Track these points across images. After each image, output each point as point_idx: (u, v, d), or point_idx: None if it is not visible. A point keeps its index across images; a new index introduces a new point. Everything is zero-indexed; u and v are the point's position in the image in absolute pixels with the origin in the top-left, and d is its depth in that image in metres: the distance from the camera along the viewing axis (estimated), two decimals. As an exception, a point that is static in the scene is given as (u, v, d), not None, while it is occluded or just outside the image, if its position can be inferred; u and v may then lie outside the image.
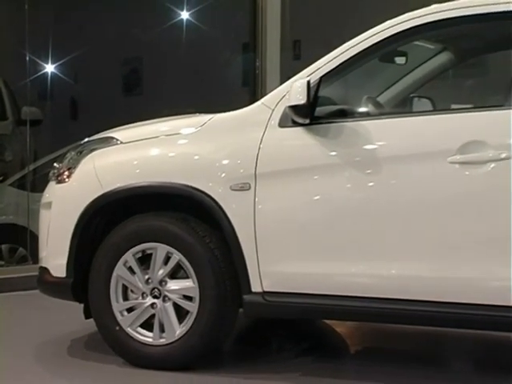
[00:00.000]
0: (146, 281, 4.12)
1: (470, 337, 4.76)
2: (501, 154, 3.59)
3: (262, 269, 3.93)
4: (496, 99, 3.89)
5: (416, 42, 4.39)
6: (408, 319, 3.92)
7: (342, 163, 3.87)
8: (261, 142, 3.97)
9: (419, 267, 3.74)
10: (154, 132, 4.32)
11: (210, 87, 7.73)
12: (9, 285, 6.16)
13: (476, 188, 3.65)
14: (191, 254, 4.02)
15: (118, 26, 7.27)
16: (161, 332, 4.09)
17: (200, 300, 4.01)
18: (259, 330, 5.09)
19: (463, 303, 3.67)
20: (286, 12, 7.63)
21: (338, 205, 3.87)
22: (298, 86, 3.78)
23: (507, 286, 3.57)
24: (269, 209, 3.92)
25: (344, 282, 3.86)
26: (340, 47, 3.98)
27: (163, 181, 4.11)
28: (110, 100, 7.54)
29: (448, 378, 4.19)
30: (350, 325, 5.04)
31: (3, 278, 6.27)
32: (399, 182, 3.79)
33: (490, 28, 4.26)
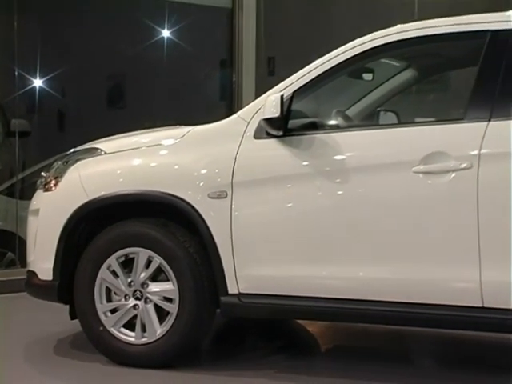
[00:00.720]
0: (129, 283, 4.11)
1: (437, 335, 4.78)
2: (461, 164, 3.62)
3: (238, 272, 3.93)
4: (456, 113, 3.91)
5: (382, 59, 4.42)
6: (375, 319, 3.93)
7: (313, 173, 3.88)
8: (237, 152, 3.97)
9: (386, 270, 3.76)
10: (136, 143, 4.31)
11: (190, 101, 7.71)
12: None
13: (438, 196, 3.67)
14: (171, 258, 4.02)
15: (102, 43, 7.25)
16: (142, 332, 4.08)
17: (180, 301, 4.01)
18: (236, 330, 5.08)
19: (430, 304, 3.69)
20: (261, 30, 7.64)
21: (309, 212, 3.88)
22: (272, 100, 3.80)
23: (473, 288, 3.60)
24: (244, 215, 3.93)
25: (315, 284, 3.87)
26: (311, 64, 4.00)
27: (145, 189, 4.09)
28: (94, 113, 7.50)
29: (413, 373, 4.21)
30: (322, 324, 5.04)
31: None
32: (366, 190, 3.80)
33: (449, 47, 4.29)
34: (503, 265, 3.57)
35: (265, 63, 7.80)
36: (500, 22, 3.77)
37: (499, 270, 3.58)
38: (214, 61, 7.78)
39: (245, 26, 7.44)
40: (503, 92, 3.66)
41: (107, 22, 7.22)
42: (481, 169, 3.58)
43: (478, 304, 3.61)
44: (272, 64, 7.85)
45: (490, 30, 3.76)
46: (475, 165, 3.59)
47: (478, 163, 3.59)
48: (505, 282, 3.57)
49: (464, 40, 3.99)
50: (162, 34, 7.50)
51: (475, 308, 3.62)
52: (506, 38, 3.72)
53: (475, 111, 3.69)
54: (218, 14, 7.55)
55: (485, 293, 3.59)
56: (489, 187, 3.58)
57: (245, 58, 7.46)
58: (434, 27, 3.90)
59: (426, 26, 3.91)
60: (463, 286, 3.66)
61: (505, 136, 3.62)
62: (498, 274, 3.58)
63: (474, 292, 3.61)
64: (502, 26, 3.75)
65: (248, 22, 7.47)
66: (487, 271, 3.58)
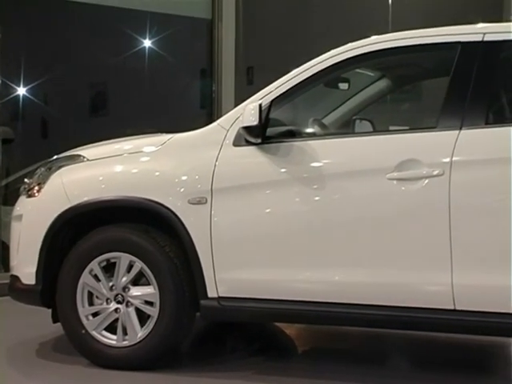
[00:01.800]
0: (110, 287, 4.10)
1: (411, 337, 4.80)
2: (434, 171, 3.64)
3: (218, 276, 3.94)
4: (429, 121, 3.95)
5: (357, 69, 4.45)
6: (352, 321, 3.95)
7: (291, 179, 3.89)
8: (216, 159, 3.97)
9: (361, 274, 3.77)
10: (118, 150, 4.31)
11: (171, 109, 7.71)
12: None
13: (412, 202, 3.70)
14: (152, 262, 4.01)
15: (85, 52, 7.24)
16: (124, 335, 4.07)
17: (160, 305, 4.00)
18: (215, 332, 5.07)
19: (404, 307, 3.70)
20: (240, 41, 7.66)
21: (287, 217, 3.89)
22: (251, 109, 3.80)
23: (445, 291, 3.63)
24: (224, 221, 3.93)
25: (292, 288, 3.88)
26: (289, 74, 4.02)
27: (127, 195, 4.09)
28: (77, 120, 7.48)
29: (388, 375, 4.22)
30: (299, 327, 5.05)
31: (-24, 286, 6.15)
32: (343, 196, 3.82)
33: (422, 57, 4.33)
34: (474, 268, 3.60)
35: (244, 73, 7.82)
36: (470, 34, 3.81)
37: (470, 273, 3.61)
38: (195, 70, 7.79)
39: (224, 36, 7.46)
40: (473, 101, 3.70)
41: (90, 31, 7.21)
42: (452, 176, 3.61)
43: (450, 307, 3.64)
44: (251, 73, 7.86)
45: (460, 42, 3.80)
46: (447, 172, 3.62)
47: (449, 170, 3.62)
48: (476, 285, 3.60)
49: (436, 51, 4.03)
50: (144, 44, 7.50)
51: (447, 310, 3.65)
52: (475, 50, 3.76)
53: (447, 120, 3.72)
54: (198, 24, 7.56)
55: (456, 296, 3.61)
56: (460, 193, 3.61)
57: (224, 68, 7.48)
58: (407, 38, 3.93)
59: (399, 38, 3.94)
60: (436, 289, 3.68)
61: (475, 144, 3.66)
62: (469, 277, 3.61)
63: (446, 295, 3.63)
64: (472, 38, 3.79)
65: (227, 32, 7.49)
66: (459, 275, 3.60)
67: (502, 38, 3.78)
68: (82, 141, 4.66)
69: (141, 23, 7.41)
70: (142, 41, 7.48)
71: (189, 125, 4.35)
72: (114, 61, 7.35)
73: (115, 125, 7.28)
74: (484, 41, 3.77)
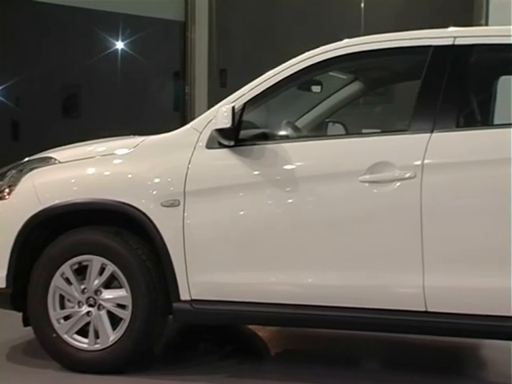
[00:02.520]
0: (82, 290, 4.07)
1: (383, 339, 4.82)
2: (405, 173, 3.66)
3: (190, 278, 3.93)
4: (401, 124, 3.97)
5: (330, 72, 4.46)
6: (325, 323, 3.97)
7: (264, 182, 3.89)
8: (189, 162, 3.96)
9: (334, 276, 3.78)
10: (91, 152, 4.28)
11: (144, 111, 7.69)
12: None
13: (383, 204, 3.71)
14: (124, 265, 3.99)
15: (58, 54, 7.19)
16: (95, 338, 4.05)
17: (132, 308, 3.98)
18: (188, 335, 5.05)
19: (376, 309, 3.72)
20: (213, 43, 7.66)
21: (260, 220, 3.88)
22: (224, 111, 3.80)
23: (417, 293, 3.64)
24: (196, 223, 3.92)
25: (265, 291, 3.88)
26: (262, 76, 4.02)
27: (99, 197, 4.06)
28: (49, 122, 7.42)
29: (360, 376, 4.24)
30: (272, 329, 5.05)
31: None
32: (315, 198, 3.83)
33: (394, 61, 4.36)
34: (445, 270, 3.63)
35: (217, 75, 7.82)
36: (441, 38, 3.84)
37: (441, 275, 3.63)
38: (168, 72, 7.77)
39: (197, 38, 7.46)
40: (445, 105, 3.72)
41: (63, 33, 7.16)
42: (424, 178, 3.64)
43: (422, 308, 3.66)
44: (224, 76, 7.86)
45: (432, 46, 3.83)
46: (418, 174, 3.64)
47: (421, 173, 3.64)
48: (447, 286, 3.63)
49: (408, 54, 4.05)
50: (117, 46, 7.46)
51: (419, 312, 3.67)
52: (446, 53, 3.79)
53: (418, 123, 3.74)
54: (170, 26, 7.55)
55: (428, 298, 3.64)
56: (431, 196, 3.63)
57: (197, 70, 7.48)
58: (379, 42, 3.95)
59: (372, 41, 3.96)
60: (407, 291, 3.70)
61: (446, 147, 3.68)
62: (441, 279, 3.63)
63: (417, 297, 3.65)
64: (443, 42, 3.82)
65: (200, 34, 7.50)
66: (430, 277, 3.62)
67: (473, 41, 3.82)
68: (53, 143, 4.62)
69: (114, 25, 7.38)
70: (114, 43, 7.45)
71: (162, 127, 4.33)
72: (86, 63, 7.30)
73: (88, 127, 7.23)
74: (455, 44, 3.80)
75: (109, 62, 7.38)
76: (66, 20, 7.14)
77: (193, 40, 7.43)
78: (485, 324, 3.61)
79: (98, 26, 7.26)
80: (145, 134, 4.28)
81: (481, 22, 8.62)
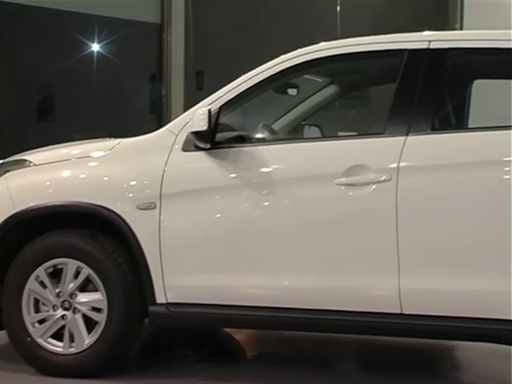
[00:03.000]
0: (57, 294, 4.04)
1: (359, 341, 4.84)
2: (381, 176, 3.68)
3: (167, 282, 3.91)
4: (376, 127, 3.98)
5: (306, 75, 4.47)
6: (302, 326, 3.97)
7: (241, 184, 3.89)
8: (165, 164, 3.95)
9: (310, 279, 3.78)
10: (66, 155, 4.26)
11: (120, 113, 7.65)
12: None
13: (359, 207, 3.72)
14: (100, 268, 3.97)
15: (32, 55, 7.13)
16: (71, 342, 4.02)
17: (108, 311, 3.96)
18: (164, 338, 5.04)
19: (352, 311, 3.73)
20: (190, 45, 7.65)
21: (237, 222, 3.88)
22: (200, 114, 3.79)
23: (392, 295, 3.66)
24: (173, 226, 3.91)
25: (242, 293, 3.87)
26: (239, 79, 4.02)
27: (74, 200, 4.04)
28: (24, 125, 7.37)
29: (336, 379, 4.25)
30: (248, 332, 5.04)
31: None
32: (292, 201, 3.83)
33: (370, 64, 4.37)
34: (420, 273, 3.65)
35: (193, 77, 7.81)
36: (416, 42, 3.86)
37: (417, 278, 3.65)
38: (144, 74, 7.75)
39: (173, 40, 7.44)
40: (420, 108, 3.74)
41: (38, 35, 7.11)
42: (399, 181, 3.65)
43: (397, 311, 3.67)
44: (200, 78, 7.85)
45: (407, 49, 3.85)
46: (394, 177, 3.66)
47: (396, 176, 3.66)
48: (422, 289, 3.64)
49: (384, 58, 4.07)
50: (92, 48, 7.43)
51: (394, 314, 3.68)
52: (422, 57, 3.81)
53: (394, 126, 3.76)
54: (147, 28, 7.52)
55: (403, 300, 3.65)
56: (407, 198, 3.65)
57: (174, 72, 7.46)
58: (355, 45, 3.96)
59: (347, 44, 3.97)
60: (383, 293, 3.71)
61: (421, 150, 3.70)
62: (416, 281, 3.65)
63: (393, 299, 3.67)
64: (418, 46, 3.84)
65: (177, 36, 7.48)
66: (405, 279, 3.64)
67: (448, 45, 3.84)
68: (29, 145, 4.59)
69: (89, 27, 7.34)
70: (90, 45, 7.41)
71: (138, 129, 4.32)
72: (62, 65, 7.26)
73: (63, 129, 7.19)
74: (430, 48, 3.82)
75: (85, 64, 7.34)
76: (41, 22, 7.09)
77: (169, 42, 7.41)
78: (460, 326, 3.63)
79: (73, 28, 7.22)
80: (121, 136, 4.26)
81: (455, 26, 8.70)
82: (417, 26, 4.31)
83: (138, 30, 7.50)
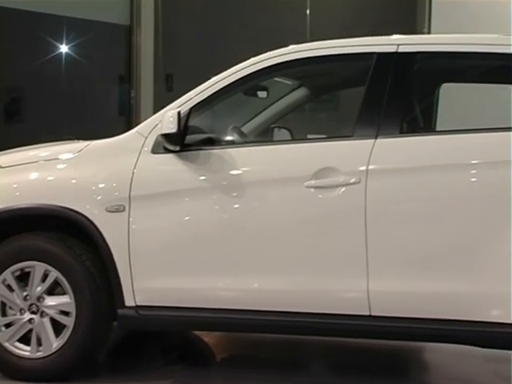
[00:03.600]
0: (24, 297, 4.00)
1: (329, 343, 4.85)
2: (350, 179, 3.69)
3: (136, 284, 3.89)
4: (346, 130, 3.99)
5: (276, 78, 4.47)
6: (271, 328, 3.96)
7: (210, 187, 3.88)
8: (135, 167, 3.93)
9: (279, 281, 3.78)
10: (34, 157, 4.22)
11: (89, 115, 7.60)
12: None
13: (329, 210, 3.73)
14: (68, 271, 3.94)
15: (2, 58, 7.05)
16: (38, 346, 3.98)
17: (76, 315, 3.93)
18: (133, 341, 5.00)
19: (321, 313, 3.73)
20: (159, 47, 7.62)
21: (206, 225, 3.87)
22: (170, 116, 3.78)
23: (361, 297, 3.67)
24: (142, 229, 3.89)
25: (210, 296, 3.87)
26: (208, 81, 4.01)
27: (42, 203, 4.00)
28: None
29: (304, 381, 4.26)
30: (217, 335, 5.03)
31: None
32: (261, 204, 3.83)
33: (339, 67, 4.38)
34: (389, 275, 3.66)
35: (163, 79, 7.78)
36: (385, 45, 3.89)
37: (386, 280, 3.66)
38: (113, 76, 7.70)
39: (143, 42, 7.41)
40: (388, 111, 3.76)
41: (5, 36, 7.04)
42: (368, 184, 3.67)
43: (366, 313, 3.69)
44: (170, 80, 7.83)
45: (376, 52, 3.87)
46: (363, 180, 3.67)
47: (365, 178, 3.67)
48: (391, 291, 3.66)
49: (353, 61, 4.08)
50: (61, 50, 7.37)
51: (363, 316, 3.70)
52: (390, 60, 3.83)
53: (363, 129, 3.77)
54: (116, 30, 7.48)
55: (372, 302, 3.67)
56: (376, 201, 3.66)
57: (143, 74, 7.43)
58: (324, 48, 3.97)
59: (317, 47, 3.98)
60: (352, 295, 3.73)
61: (390, 152, 3.72)
62: (385, 284, 3.66)
63: (361, 301, 3.68)
64: (387, 49, 3.86)
65: (146, 39, 7.45)
66: (374, 281, 3.66)
67: (416, 49, 3.87)
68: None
69: (58, 28, 7.28)
70: (59, 46, 7.35)
71: (107, 132, 4.29)
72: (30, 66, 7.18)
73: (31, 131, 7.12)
74: (398, 52, 3.84)
75: (53, 65, 7.28)
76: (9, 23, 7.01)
77: (138, 44, 7.37)
78: (428, 327, 3.65)
79: (41, 29, 7.15)
80: (90, 138, 4.23)
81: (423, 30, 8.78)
82: (385, 29, 4.33)
83: (108, 31, 7.45)
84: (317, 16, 8.72)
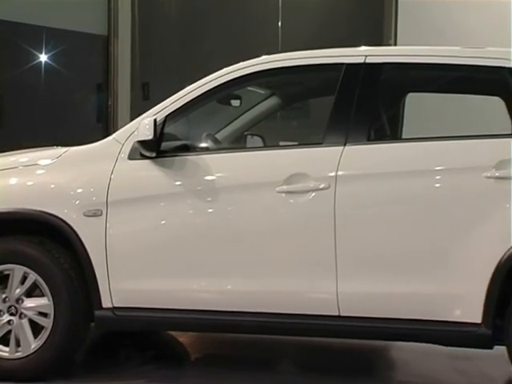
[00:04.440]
0: (3, 299, 3.96)
1: (299, 342, 4.85)
2: (320, 184, 3.71)
3: (112, 286, 3.87)
4: (316, 137, 4.01)
5: (249, 87, 4.48)
6: (244, 329, 3.98)
7: (185, 192, 3.87)
8: (112, 172, 3.92)
9: (252, 283, 3.79)
10: (13, 163, 4.18)
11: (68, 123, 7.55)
12: None
13: (299, 214, 3.75)
14: (47, 274, 3.91)
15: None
16: (17, 346, 3.94)
17: (54, 316, 3.90)
18: (109, 341, 4.97)
19: (292, 314, 3.74)
20: (136, 57, 7.60)
21: (181, 229, 3.87)
22: (146, 124, 3.77)
23: (330, 298, 3.68)
24: (119, 233, 3.87)
25: (185, 298, 3.86)
26: (183, 90, 4.01)
27: (21, 207, 3.97)
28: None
29: (274, 379, 4.26)
30: (192, 335, 5.02)
31: None
32: (234, 208, 3.84)
33: (310, 77, 4.41)
34: (357, 277, 3.68)
35: (139, 88, 7.76)
36: (353, 56, 3.91)
37: (354, 282, 3.68)
38: (91, 85, 7.66)
39: (120, 52, 7.39)
40: (356, 119, 3.79)
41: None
42: (337, 189, 3.69)
43: (335, 313, 3.70)
44: (146, 89, 7.80)
45: (345, 63, 3.89)
46: (332, 185, 3.69)
47: (334, 184, 3.69)
48: (359, 292, 3.68)
49: (323, 71, 4.10)
50: (40, 59, 7.31)
51: (332, 317, 3.71)
52: (358, 71, 3.86)
53: (332, 136, 3.79)
54: (94, 40, 7.45)
55: (341, 303, 3.68)
56: (344, 206, 3.68)
57: (120, 83, 7.41)
58: (295, 59, 3.99)
59: (288, 58, 4.00)
60: (322, 296, 3.74)
61: (358, 159, 3.75)
62: (353, 285, 3.68)
63: (331, 302, 3.69)
64: (355, 60, 3.89)
65: (123, 48, 7.43)
66: (343, 283, 3.67)
67: (382, 60, 3.90)
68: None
69: (37, 38, 7.23)
70: (38, 55, 7.29)
71: (85, 138, 4.27)
72: (9, 74, 7.12)
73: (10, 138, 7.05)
74: (366, 63, 3.87)
75: (32, 74, 7.22)
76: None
77: (115, 53, 7.35)
78: (394, 327, 3.68)
79: (21, 39, 7.10)
80: (68, 145, 4.21)
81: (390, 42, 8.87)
82: (354, 41, 4.36)
83: (85, 41, 7.42)
84: (288, 28, 8.75)
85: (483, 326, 3.55)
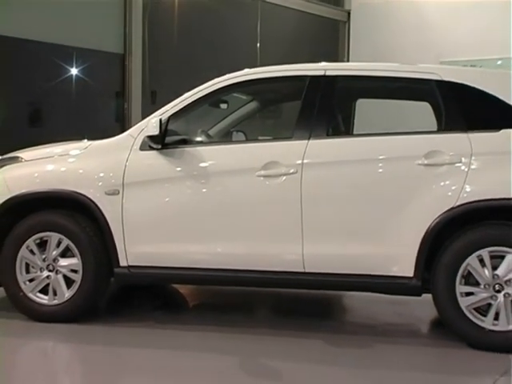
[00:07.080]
0: (43, 259, 3.95)
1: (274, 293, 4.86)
2: (290, 170, 3.71)
3: (128, 249, 3.87)
4: (287, 133, 3.99)
5: (234, 93, 4.45)
6: (231, 282, 4.01)
7: (184, 176, 3.86)
8: (127, 160, 3.90)
9: (237, 246, 3.79)
10: (50, 153, 4.15)
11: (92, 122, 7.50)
12: None
13: (274, 193, 3.75)
14: (76, 239, 3.90)
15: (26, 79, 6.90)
16: (54, 296, 3.94)
17: (83, 272, 3.90)
18: (126, 293, 4.95)
19: (268, 270, 3.76)
20: (146, 70, 7.56)
21: (181, 204, 3.86)
22: (153, 122, 3.77)
23: (297, 259, 3.69)
24: (132, 207, 3.86)
25: (186, 258, 3.86)
26: (182, 96, 4.00)
27: (57, 188, 3.95)
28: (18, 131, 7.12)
29: (258, 321, 4.25)
30: (190, 287, 5.00)
31: None
32: (223, 188, 3.83)
33: (282, 86, 4.40)
34: (319, 242, 3.70)
35: (149, 95, 7.72)
36: (316, 70, 3.91)
37: (316, 245, 3.69)
38: (111, 92, 7.62)
39: (133, 66, 7.36)
40: (318, 119, 3.79)
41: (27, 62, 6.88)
42: (303, 173, 3.69)
43: (301, 269, 3.71)
44: (154, 96, 7.76)
45: (309, 75, 3.88)
46: (299, 171, 3.69)
47: (301, 169, 3.69)
48: (320, 253, 3.69)
49: (292, 81, 4.10)
50: (71, 72, 7.25)
51: (299, 273, 3.72)
52: (319, 81, 3.85)
53: (299, 132, 3.79)
54: (113, 57, 7.41)
55: (306, 261, 3.69)
56: (309, 187, 3.69)
57: (133, 91, 7.39)
58: (270, 71, 3.99)
59: (265, 71, 4.00)
60: (291, 257, 3.75)
61: (319, 150, 3.75)
62: (315, 248, 3.69)
63: (298, 261, 3.70)
64: (317, 73, 3.89)
65: (136, 63, 7.40)
66: (308, 246, 3.68)
67: (338, 73, 3.91)
68: (22, 146, 4.45)
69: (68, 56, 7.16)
70: (69, 69, 7.23)
71: (106, 134, 4.23)
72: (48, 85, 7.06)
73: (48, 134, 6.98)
74: (325, 75, 3.86)
75: (65, 84, 7.17)
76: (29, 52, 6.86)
77: (130, 68, 7.33)
78: (347, 280, 3.70)
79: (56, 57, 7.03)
80: (93, 139, 4.18)
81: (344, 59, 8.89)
82: (316, 58, 4.34)
83: (106, 58, 7.37)
84: (265, 47, 8.73)
85: (415, 279, 3.58)
